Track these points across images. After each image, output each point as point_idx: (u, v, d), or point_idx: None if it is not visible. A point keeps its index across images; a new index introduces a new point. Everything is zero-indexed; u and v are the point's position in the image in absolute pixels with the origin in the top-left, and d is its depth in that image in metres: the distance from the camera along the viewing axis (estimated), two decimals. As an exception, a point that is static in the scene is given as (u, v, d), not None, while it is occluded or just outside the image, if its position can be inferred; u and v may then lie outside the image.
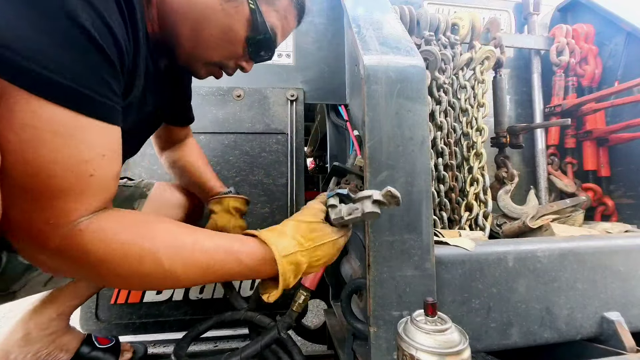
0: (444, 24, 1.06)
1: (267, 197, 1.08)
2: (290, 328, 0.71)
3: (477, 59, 1.03)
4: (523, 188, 1.17)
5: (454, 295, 0.62)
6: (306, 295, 0.68)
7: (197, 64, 0.60)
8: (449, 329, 0.43)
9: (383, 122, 0.59)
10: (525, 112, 1.29)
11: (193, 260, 0.45)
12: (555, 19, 1.35)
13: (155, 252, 0.42)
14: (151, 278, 0.43)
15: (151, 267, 0.42)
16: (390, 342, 0.57)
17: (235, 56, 0.60)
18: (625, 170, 1.11)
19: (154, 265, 0.42)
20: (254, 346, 0.68)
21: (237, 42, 0.57)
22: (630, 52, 1.11)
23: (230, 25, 0.55)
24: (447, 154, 0.99)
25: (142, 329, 1.05)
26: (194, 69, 0.61)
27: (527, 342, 0.64)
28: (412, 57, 0.64)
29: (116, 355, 0.85)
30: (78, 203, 0.38)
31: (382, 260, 0.57)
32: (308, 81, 1.12)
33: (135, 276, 0.42)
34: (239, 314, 0.82)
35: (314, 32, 1.13)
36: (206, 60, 0.59)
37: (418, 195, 0.59)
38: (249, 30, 0.56)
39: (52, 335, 0.77)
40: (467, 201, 0.97)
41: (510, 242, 0.73)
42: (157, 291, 1.06)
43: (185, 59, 0.59)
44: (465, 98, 1.03)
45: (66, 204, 0.38)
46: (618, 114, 1.13)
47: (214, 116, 1.08)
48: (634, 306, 0.69)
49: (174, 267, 0.43)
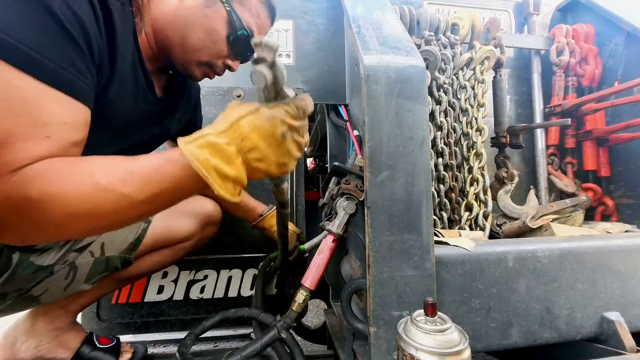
0: (444, 24, 1.06)
1: (267, 197, 1.08)
2: (290, 328, 0.71)
3: (477, 59, 1.03)
4: (523, 188, 1.17)
5: (454, 295, 0.62)
6: (306, 295, 0.68)
7: (191, 66, 0.67)
8: (449, 329, 0.43)
9: (383, 122, 0.59)
10: (525, 112, 1.29)
11: (128, 175, 0.43)
12: (555, 19, 1.35)
13: (92, 175, 0.41)
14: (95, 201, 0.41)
15: (91, 190, 0.41)
16: (390, 342, 0.57)
17: (222, 55, 0.67)
18: (625, 170, 1.11)
19: (92, 188, 0.41)
20: (253, 345, 0.68)
21: (220, 41, 0.65)
22: (630, 52, 1.11)
23: (212, 26, 0.63)
24: (447, 154, 0.99)
25: (143, 329, 1.05)
26: (189, 71, 0.68)
27: (527, 342, 0.64)
28: (412, 57, 0.64)
29: (116, 355, 0.85)
30: (27, 150, 0.39)
31: (382, 260, 0.58)
32: (308, 81, 1.12)
33: (81, 204, 0.40)
34: (243, 311, 0.81)
35: (314, 32, 1.13)
36: (197, 61, 0.66)
37: (418, 195, 0.59)
38: (228, 29, 0.64)
39: (56, 330, 0.77)
40: (467, 201, 0.97)
41: (510, 242, 0.73)
42: (158, 291, 1.06)
43: (181, 63, 0.67)
44: (465, 98, 1.03)
45: (16, 151, 0.39)
46: (618, 114, 1.13)
47: (214, 116, 1.07)
48: (634, 306, 0.69)
49: (113, 184, 0.42)
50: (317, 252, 0.71)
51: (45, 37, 0.40)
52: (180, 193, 0.46)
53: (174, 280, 1.07)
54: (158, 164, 0.44)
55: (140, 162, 0.44)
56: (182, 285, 1.07)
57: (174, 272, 1.08)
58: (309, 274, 0.70)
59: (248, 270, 1.10)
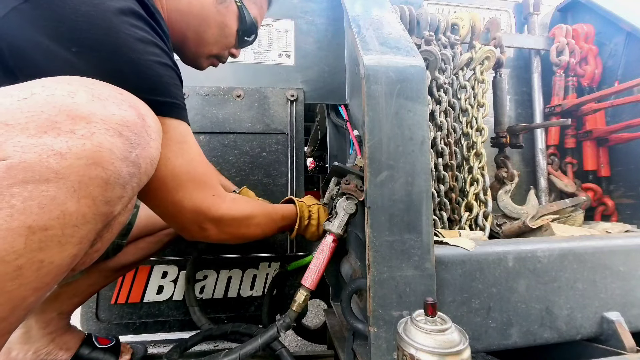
0: (444, 24, 1.06)
1: (267, 197, 1.08)
2: (289, 328, 0.71)
3: (477, 59, 1.03)
4: (523, 188, 1.17)
5: (454, 295, 0.62)
6: (306, 296, 0.68)
7: (201, 58, 0.73)
8: (449, 329, 0.43)
9: (383, 122, 0.59)
10: (525, 112, 1.29)
11: (267, 220, 0.71)
12: (555, 19, 1.35)
13: (257, 214, 0.67)
14: (252, 228, 0.67)
15: (254, 223, 0.67)
16: (390, 342, 0.57)
17: (230, 46, 0.74)
18: (625, 170, 1.11)
19: (255, 223, 0.67)
20: (253, 344, 0.68)
21: (231, 35, 0.71)
22: (630, 52, 1.11)
23: (225, 22, 0.68)
24: (447, 154, 0.99)
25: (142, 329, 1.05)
26: (198, 63, 0.74)
27: (527, 342, 0.64)
28: (412, 57, 0.64)
29: (116, 355, 0.85)
30: (216, 179, 0.59)
31: (382, 260, 0.57)
32: (308, 81, 1.12)
33: (250, 226, 0.66)
34: (227, 326, 0.90)
35: (314, 32, 1.13)
36: (208, 54, 0.72)
37: (418, 195, 0.59)
38: (238, 23, 0.70)
39: (52, 334, 0.77)
40: (467, 201, 0.97)
41: (510, 242, 0.73)
42: (158, 291, 1.06)
43: (191, 56, 0.71)
44: (465, 98, 1.03)
45: (215, 182, 0.60)
46: (618, 114, 1.13)
47: (214, 116, 1.08)
48: (634, 306, 0.69)
49: (262, 223, 0.69)
50: (317, 252, 0.71)
51: (179, 90, 0.54)
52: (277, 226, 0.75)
53: (173, 281, 1.07)
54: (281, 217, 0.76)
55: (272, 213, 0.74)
56: (182, 285, 1.07)
57: (174, 272, 1.08)
58: (309, 274, 0.69)
59: (248, 270, 1.10)
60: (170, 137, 0.51)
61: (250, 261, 1.10)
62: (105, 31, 0.44)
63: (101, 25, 0.44)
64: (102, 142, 0.38)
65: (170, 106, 0.51)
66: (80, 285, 0.80)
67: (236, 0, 0.68)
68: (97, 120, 0.38)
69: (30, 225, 0.34)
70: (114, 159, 0.39)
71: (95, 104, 0.39)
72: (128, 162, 0.40)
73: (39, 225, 0.35)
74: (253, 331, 0.88)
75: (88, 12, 0.43)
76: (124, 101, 0.42)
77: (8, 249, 0.33)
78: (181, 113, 0.53)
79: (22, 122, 0.35)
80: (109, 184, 0.39)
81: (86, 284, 0.81)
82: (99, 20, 0.44)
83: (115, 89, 0.42)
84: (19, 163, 0.34)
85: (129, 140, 0.40)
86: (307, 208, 0.79)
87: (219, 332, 0.90)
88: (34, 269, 0.36)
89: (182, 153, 0.52)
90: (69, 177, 0.36)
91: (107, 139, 0.38)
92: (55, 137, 0.35)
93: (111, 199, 0.40)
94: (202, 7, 0.64)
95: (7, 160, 0.33)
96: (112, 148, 0.38)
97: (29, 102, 0.36)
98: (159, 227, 0.88)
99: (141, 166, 0.42)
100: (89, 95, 0.39)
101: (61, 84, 0.39)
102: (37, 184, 0.34)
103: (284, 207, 0.78)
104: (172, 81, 0.52)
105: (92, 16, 0.43)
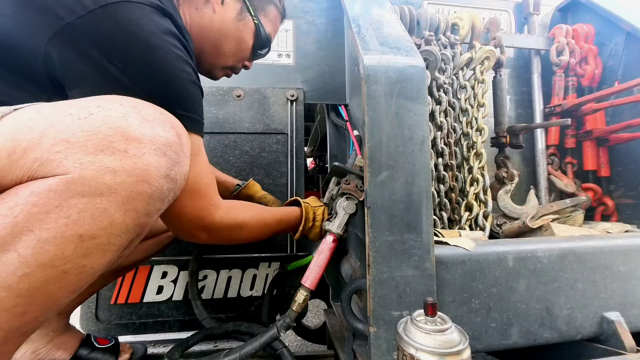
0: (444, 24, 1.06)
1: (267, 197, 1.08)
2: (289, 328, 0.71)
3: (477, 59, 1.03)
4: (523, 188, 1.17)
5: (454, 295, 0.62)
6: (306, 296, 0.68)
7: (216, 69, 0.77)
8: (449, 329, 0.43)
9: (383, 122, 0.59)
10: (525, 112, 1.29)
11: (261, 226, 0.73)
12: (555, 19, 1.35)
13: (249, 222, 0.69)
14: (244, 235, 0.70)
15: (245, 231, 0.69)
16: (390, 342, 0.57)
17: (244, 59, 0.78)
18: (625, 170, 1.11)
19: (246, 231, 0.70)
20: (253, 344, 0.68)
21: (247, 49, 0.75)
22: (630, 52, 1.11)
23: (243, 37, 0.73)
24: (447, 154, 0.99)
25: (141, 329, 1.05)
26: (213, 73, 0.78)
27: (527, 342, 0.64)
28: (412, 57, 0.64)
29: (115, 355, 0.85)
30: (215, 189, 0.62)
31: (382, 260, 0.57)
32: (308, 81, 1.12)
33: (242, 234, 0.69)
34: (228, 325, 0.90)
35: (314, 32, 1.13)
36: (223, 66, 0.77)
37: (418, 195, 0.59)
38: (254, 39, 0.75)
39: (50, 333, 0.77)
40: (467, 201, 0.97)
41: (510, 242, 0.73)
42: (157, 291, 1.06)
43: (207, 67, 0.76)
44: (465, 98, 1.03)
45: (213, 191, 0.62)
46: (618, 114, 1.13)
47: (214, 116, 1.08)
48: (634, 306, 0.69)
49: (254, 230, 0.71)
50: (318, 252, 0.71)
51: (201, 107, 0.58)
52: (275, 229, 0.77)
53: (173, 281, 1.07)
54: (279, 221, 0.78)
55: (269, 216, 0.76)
56: (182, 285, 1.07)
57: (174, 272, 1.07)
58: (309, 274, 0.69)
59: (248, 270, 1.10)
60: None
61: (250, 261, 1.10)
62: (150, 50, 0.49)
63: (147, 44, 0.49)
64: (151, 162, 0.42)
65: (193, 121, 0.55)
66: None
67: (253, 18, 0.72)
68: (147, 142, 0.42)
69: (82, 235, 0.38)
70: (159, 177, 0.43)
71: (144, 126, 0.43)
72: (169, 179, 0.45)
73: (89, 234, 0.39)
74: (254, 330, 0.88)
75: (135, 32, 0.48)
76: (166, 122, 0.46)
77: (59, 255, 0.37)
78: (199, 128, 0.58)
79: (82, 141, 0.38)
80: (152, 199, 0.43)
81: None
82: (145, 39, 0.48)
83: (157, 109, 0.46)
84: (78, 178, 0.38)
85: (171, 159, 0.45)
86: (313, 210, 0.80)
87: (220, 331, 0.90)
88: (76, 273, 0.40)
89: (193, 165, 0.56)
90: (120, 192, 0.40)
91: (155, 158, 0.42)
92: (110, 155, 0.39)
93: (152, 211, 0.44)
94: (223, 23, 0.69)
95: (67, 175, 0.37)
96: (159, 167, 0.43)
97: (88, 121, 0.39)
98: (160, 230, 0.88)
99: (177, 182, 0.47)
100: (139, 118, 0.43)
101: (114, 104, 0.43)
102: (92, 197, 0.38)
103: (283, 211, 0.79)
104: (198, 99, 0.57)
105: (139, 35, 0.48)
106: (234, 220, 0.66)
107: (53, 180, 0.37)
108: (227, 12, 0.70)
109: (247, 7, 0.71)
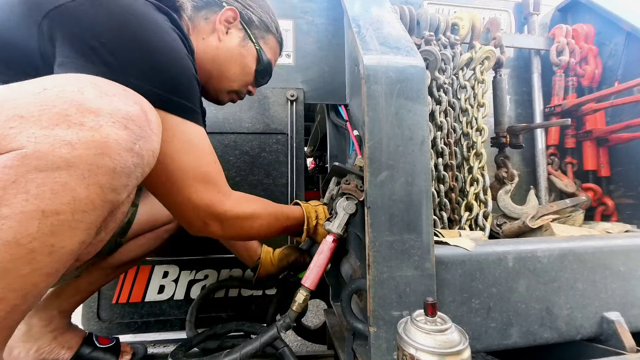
0: (444, 24, 1.06)
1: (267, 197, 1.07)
2: (289, 328, 0.71)
3: (477, 59, 1.03)
4: (523, 188, 1.17)
5: (454, 295, 0.62)
6: (306, 296, 0.69)
7: (222, 93, 0.80)
8: (449, 329, 0.43)
9: (383, 122, 0.59)
10: (525, 112, 1.29)
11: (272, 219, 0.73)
12: (555, 19, 1.35)
13: (261, 214, 0.69)
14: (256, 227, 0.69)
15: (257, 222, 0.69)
16: (390, 342, 0.57)
17: (248, 84, 0.82)
18: (625, 170, 1.11)
19: (258, 222, 0.69)
20: (253, 344, 0.68)
21: (250, 74, 0.79)
22: (630, 52, 1.11)
23: (246, 62, 0.77)
24: (447, 154, 0.99)
25: (143, 328, 1.05)
26: (219, 98, 0.81)
27: (527, 342, 0.64)
28: (412, 57, 0.64)
29: (116, 355, 0.85)
30: (223, 178, 0.63)
31: (382, 260, 0.58)
32: (308, 81, 1.12)
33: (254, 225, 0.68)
34: (231, 325, 0.91)
35: (314, 32, 1.13)
36: (229, 90, 0.80)
37: (418, 195, 0.59)
38: (257, 63, 0.79)
39: (53, 332, 0.77)
40: (467, 201, 0.97)
41: (510, 242, 0.73)
42: (159, 290, 1.06)
43: (214, 91, 0.79)
44: (465, 98, 1.03)
45: (222, 180, 0.62)
46: (618, 114, 1.12)
47: (214, 116, 1.08)
48: (634, 306, 0.69)
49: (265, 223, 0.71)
50: (318, 252, 0.71)
51: (197, 97, 0.58)
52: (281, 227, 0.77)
53: (174, 280, 1.07)
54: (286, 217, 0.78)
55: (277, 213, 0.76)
56: (183, 285, 1.07)
57: (175, 271, 1.08)
58: (309, 274, 0.70)
59: (248, 270, 1.10)
60: (175, 133, 0.54)
61: (251, 261, 1.10)
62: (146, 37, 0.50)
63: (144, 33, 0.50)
64: (109, 134, 0.40)
65: (183, 107, 0.55)
66: (81, 283, 0.81)
67: (255, 44, 0.77)
68: (105, 114, 0.41)
69: (44, 210, 0.37)
70: (120, 150, 0.41)
71: (102, 99, 0.41)
72: (133, 152, 0.43)
73: (51, 210, 0.37)
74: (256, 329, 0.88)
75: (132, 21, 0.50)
76: (128, 97, 0.44)
77: (23, 231, 0.36)
78: (194, 116, 0.57)
79: (36, 115, 0.38)
80: (115, 173, 0.41)
81: (87, 282, 0.81)
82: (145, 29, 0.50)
83: (119, 86, 0.45)
84: (33, 152, 0.36)
85: (134, 132, 0.43)
86: (314, 208, 0.80)
87: (222, 330, 0.91)
88: (46, 252, 0.39)
89: (189, 151, 0.56)
90: (78, 165, 0.38)
91: (114, 130, 0.41)
92: (66, 128, 0.38)
93: (117, 186, 0.43)
94: (228, 49, 0.74)
95: (22, 150, 0.36)
96: (118, 139, 0.41)
97: (42, 96, 0.39)
98: (159, 224, 0.88)
99: (144, 157, 0.45)
100: (97, 91, 0.41)
101: (70, 80, 0.42)
102: (50, 172, 0.37)
103: (289, 207, 0.79)
104: (195, 91, 0.57)
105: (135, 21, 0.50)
106: (245, 210, 0.66)
107: (7, 156, 0.36)
108: (231, 40, 0.74)
109: (249, 35, 0.76)
